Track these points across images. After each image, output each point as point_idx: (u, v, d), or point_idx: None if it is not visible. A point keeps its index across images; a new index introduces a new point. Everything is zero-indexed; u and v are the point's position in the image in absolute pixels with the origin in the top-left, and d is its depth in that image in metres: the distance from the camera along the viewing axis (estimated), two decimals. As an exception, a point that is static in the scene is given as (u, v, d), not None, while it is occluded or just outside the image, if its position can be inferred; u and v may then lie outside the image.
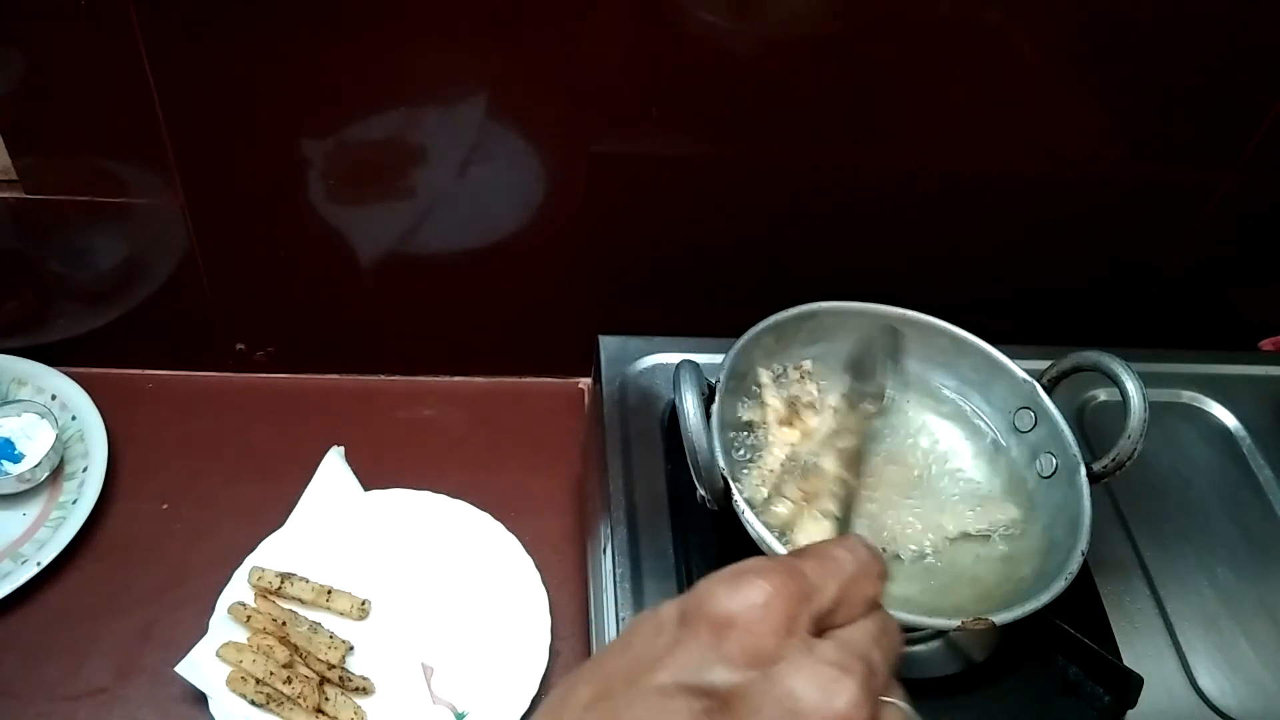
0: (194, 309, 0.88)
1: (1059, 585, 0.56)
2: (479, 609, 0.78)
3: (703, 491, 0.58)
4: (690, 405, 0.58)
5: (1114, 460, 0.61)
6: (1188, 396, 0.82)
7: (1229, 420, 0.81)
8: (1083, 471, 0.61)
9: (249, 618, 0.74)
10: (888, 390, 0.66)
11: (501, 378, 0.97)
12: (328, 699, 0.71)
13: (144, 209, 0.80)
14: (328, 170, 0.79)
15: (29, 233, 0.81)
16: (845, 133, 0.78)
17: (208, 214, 0.81)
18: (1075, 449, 0.62)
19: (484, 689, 0.74)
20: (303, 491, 0.82)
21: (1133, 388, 0.60)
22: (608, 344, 0.76)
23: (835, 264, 0.87)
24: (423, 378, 0.96)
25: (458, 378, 0.97)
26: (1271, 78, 0.77)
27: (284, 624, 0.73)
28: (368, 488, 0.84)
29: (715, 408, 0.60)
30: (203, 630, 0.74)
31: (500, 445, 0.91)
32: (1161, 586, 0.69)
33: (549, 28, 0.70)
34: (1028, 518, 0.64)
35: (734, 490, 0.57)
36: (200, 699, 0.71)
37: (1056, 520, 0.62)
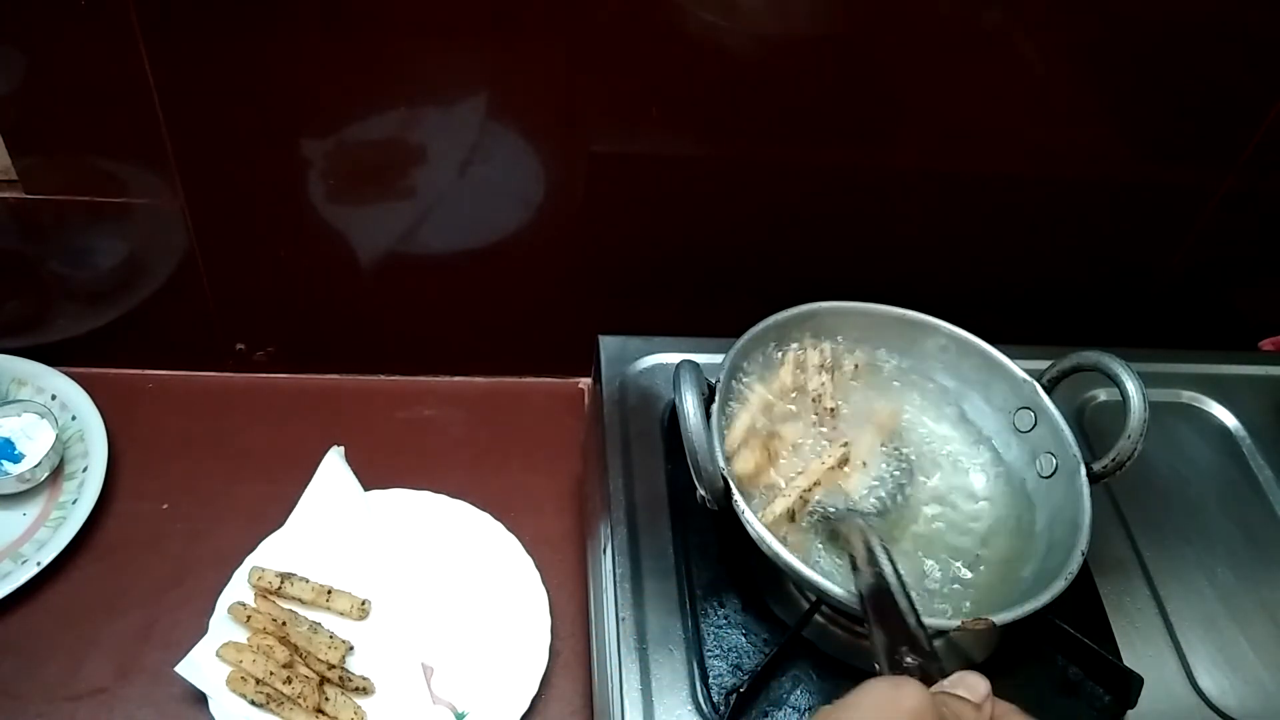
0: (194, 309, 0.88)
1: (1059, 585, 0.56)
2: (479, 609, 0.78)
3: (703, 491, 0.58)
4: (690, 405, 0.58)
5: (1114, 460, 0.61)
6: (1188, 396, 0.82)
7: (1229, 420, 0.81)
8: (1083, 471, 0.61)
9: (249, 618, 0.74)
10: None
11: (501, 378, 0.97)
12: (328, 699, 0.71)
13: (144, 209, 0.80)
14: (328, 170, 0.79)
15: (29, 233, 0.81)
16: (845, 133, 0.78)
17: (208, 214, 0.81)
18: (1075, 449, 0.62)
19: (484, 689, 0.74)
20: (303, 491, 0.82)
21: (1133, 388, 0.60)
22: (608, 344, 0.76)
23: (835, 264, 0.87)
24: (423, 378, 0.96)
25: (458, 378, 0.97)
26: (1271, 78, 0.77)
27: (284, 624, 0.73)
28: (368, 488, 0.84)
29: (715, 408, 0.60)
30: (203, 630, 0.74)
31: (500, 445, 0.91)
32: (1161, 586, 0.69)
33: (549, 28, 0.71)
34: (1025, 517, 0.64)
35: (734, 490, 0.57)
36: (200, 699, 0.71)
37: (1056, 520, 0.62)
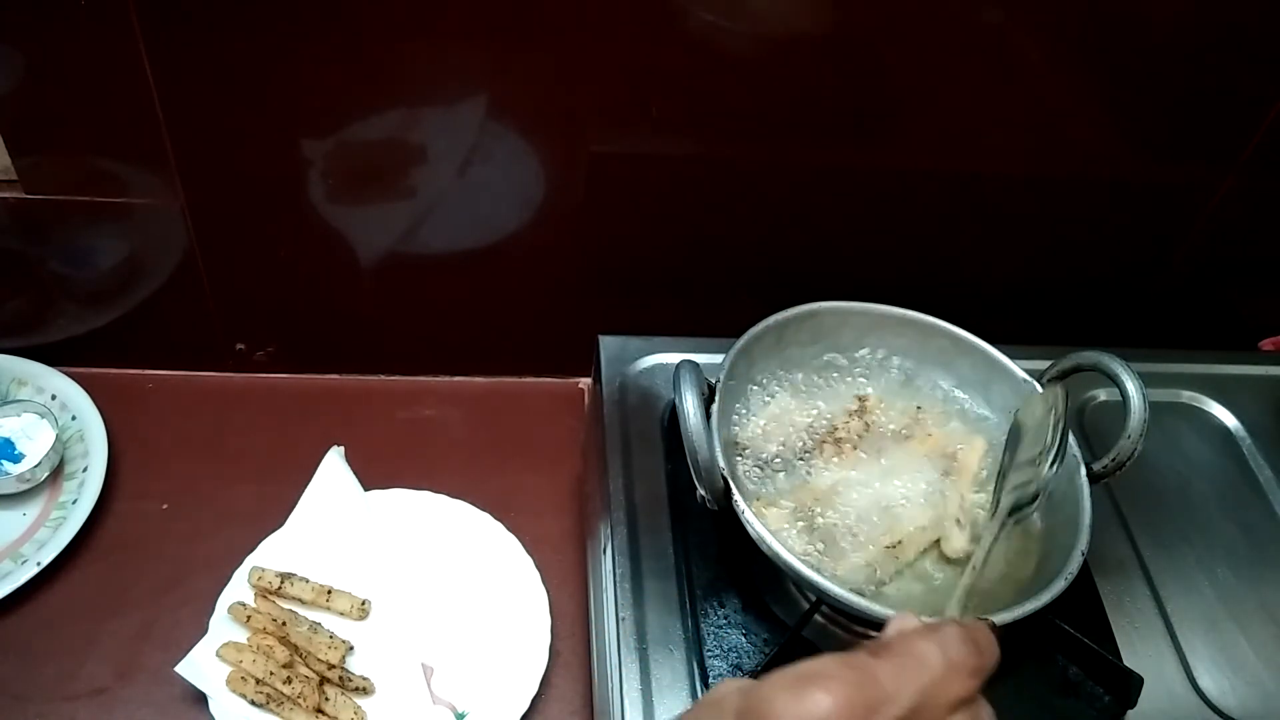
0: (194, 309, 0.88)
1: (1059, 585, 0.55)
2: (479, 609, 0.78)
3: (703, 491, 0.58)
4: (690, 405, 0.58)
5: (1114, 460, 0.61)
6: (1188, 396, 0.82)
7: (1229, 420, 0.81)
8: (1083, 471, 0.61)
9: (249, 618, 0.74)
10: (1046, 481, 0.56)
11: (501, 378, 0.97)
12: (328, 699, 0.71)
13: (144, 209, 0.80)
14: (328, 170, 0.79)
15: (29, 233, 0.81)
16: (845, 133, 0.78)
17: (208, 214, 0.81)
18: (1075, 449, 0.62)
19: (484, 689, 0.74)
20: (303, 491, 0.82)
21: (1133, 388, 0.60)
22: (608, 344, 0.76)
23: (835, 264, 0.87)
24: (423, 378, 0.96)
25: (458, 378, 0.97)
26: (1271, 78, 0.77)
27: (284, 624, 0.73)
28: (368, 488, 0.84)
29: (715, 408, 0.60)
30: (203, 630, 0.74)
31: (500, 445, 0.91)
32: (1161, 586, 0.69)
33: (549, 28, 0.70)
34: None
35: (734, 490, 0.57)
36: (200, 699, 0.71)
37: (1056, 520, 0.62)
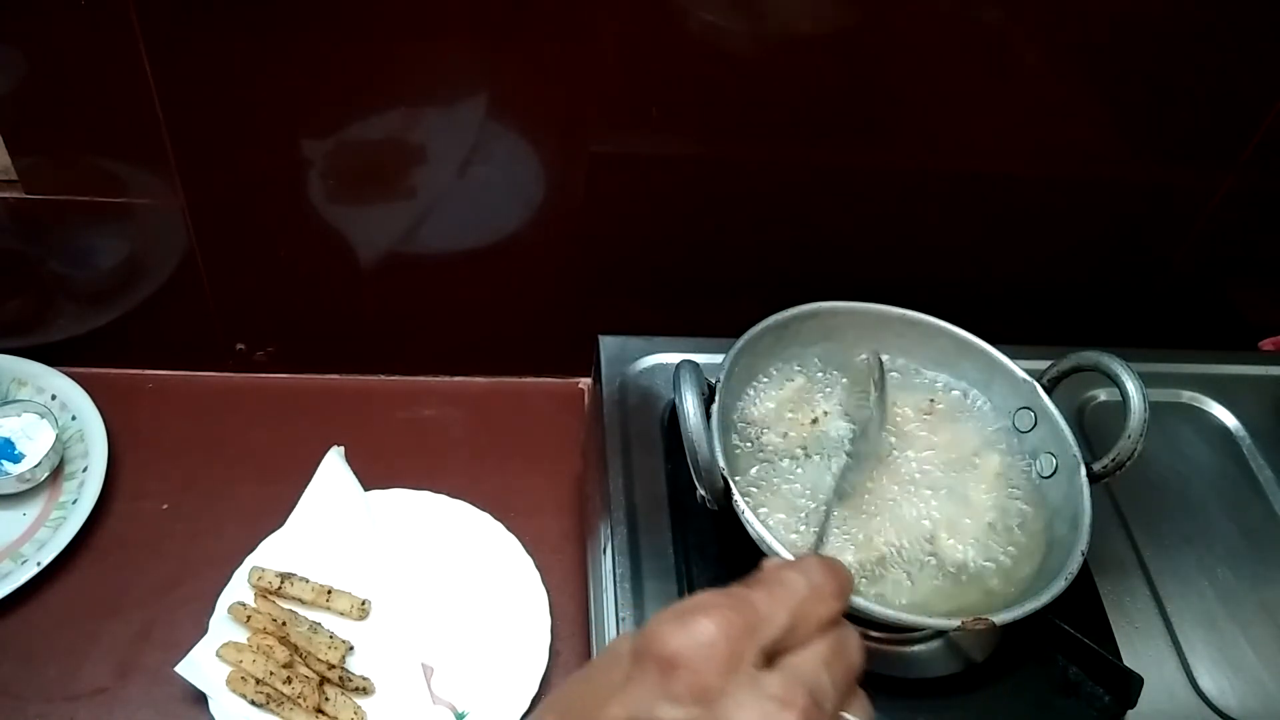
0: (194, 309, 0.88)
1: (1059, 585, 0.55)
2: (479, 609, 0.78)
3: (703, 491, 0.58)
4: (690, 405, 0.58)
5: (1114, 460, 0.61)
6: (1188, 396, 0.82)
7: (1229, 420, 0.81)
8: (1083, 471, 0.61)
9: (249, 618, 0.74)
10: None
11: (501, 378, 0.97)
12: (328, 699, 0.71)
13: (144, 209, 0.80)
14: (328, 170, 0.78)
15: (29, 233, 0.81)
16: (846, 133, 0.78)
17: (208, 214, 0.81)
18: (1075, 449, 0.62)
19: (484, 689, 0.74)
20: (303, 491, 0.82)
21: (1133, 388, 0.60)
22: (608, 344, 0.76)
23: (835, 264, 0.87)
24: (423, 378, 0.96)
25: (458, 378, 0.97)
26: (1271, 78, 0.77)
27: (284, 624, 0.73)
28: (368, 488, 0.84)
29: (715, 408, 0.60)
30: (203, 630, 0.74)
31: (500, 445, 0.91)
32: (1161, 586, 0.69)
33: (549, 28, 0.70)
34: (1029, 519, 0.64)
35: (734, 490, 0.57)
36: (200, 699, 0.71)
37: (1056, 520, 0.62)
